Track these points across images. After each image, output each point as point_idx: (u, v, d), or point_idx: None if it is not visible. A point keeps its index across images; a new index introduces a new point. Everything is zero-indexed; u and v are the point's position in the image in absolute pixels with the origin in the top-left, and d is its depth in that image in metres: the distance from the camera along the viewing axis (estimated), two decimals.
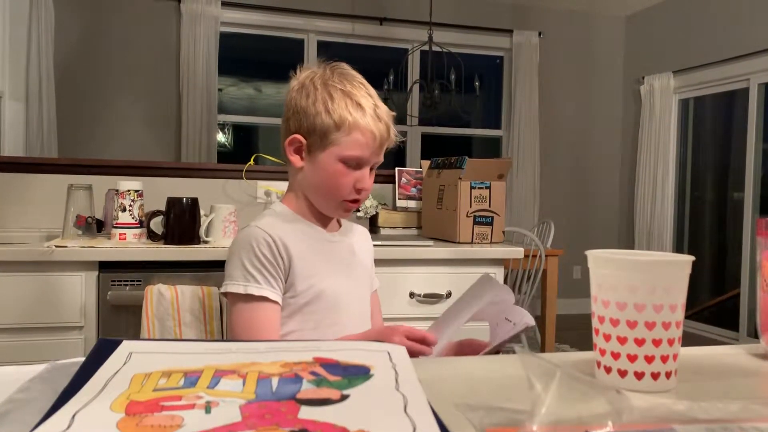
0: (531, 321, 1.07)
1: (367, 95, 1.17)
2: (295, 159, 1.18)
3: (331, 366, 0.60)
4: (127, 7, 4.78)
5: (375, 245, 2.01)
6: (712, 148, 5.43)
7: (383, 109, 1.18)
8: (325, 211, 1.21)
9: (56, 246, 1.79)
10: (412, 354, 1.02)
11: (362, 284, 1.27)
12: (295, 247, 1.14)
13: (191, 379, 0.55)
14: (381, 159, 1.20)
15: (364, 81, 1.20)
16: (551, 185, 5.76)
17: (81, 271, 1.79)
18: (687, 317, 5.11)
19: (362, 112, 1.13)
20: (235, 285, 1.11)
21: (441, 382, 0.63)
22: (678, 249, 5.46)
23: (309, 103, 1.14)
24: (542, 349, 3.92)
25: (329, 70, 1.18)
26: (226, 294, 1.13)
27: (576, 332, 4.58)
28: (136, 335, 1.73)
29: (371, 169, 1.20)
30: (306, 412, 0.49)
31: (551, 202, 5.72)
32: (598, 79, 5.93)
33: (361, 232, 1.35)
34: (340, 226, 1.28)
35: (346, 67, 1.20)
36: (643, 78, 5.61)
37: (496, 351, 1.09)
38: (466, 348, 1.14)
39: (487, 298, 1.12)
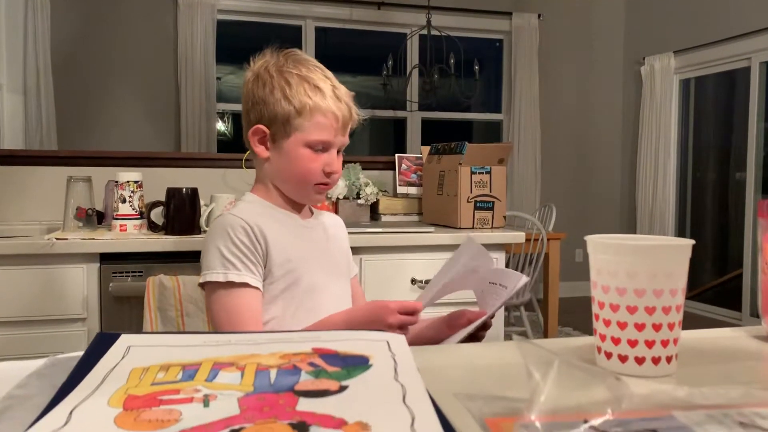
0: (524, 278, 1.04)
1: (324, 77, 1.16)
2: (260, 150, 1.17)
3: (330, 356, 0.59)
4: None
5: (376, 232, 2.02)
6: (714, 128, 5.41)
7: (342, 89, 1.17)
8: (297, 198, 1.20)
9: (57, 238, 1.79)
10: (406, 326, 1.05)
11: (340, 269, 1.26)
12: (271, 233, 1.13)
13: (189, 372, 0.55)
14: (347, 140, 1.19)
15: (319, 64, 1.18)
16: (552, 168, 5.74)
17: (82, 263, 1.79)
18: (689, 298, 5.11)
19: (321, 94, 1.12)
20: (213, 274, 1.08)
21: (440, 372, 0.63)
22: (680, 230, 5.46)
23: (267, 93, 1.13)
24: (545, 333, 3.93)
25: (282, 57, 1.16)
26: (203, 285, 1.11)
27: (579, 315, 4.59)
28: (138, 326, 1.73)
29: (338, 152, 1.19)
30: (304, 404, 0.49)
31: (552, 185, 5.71)
32: (598, 60, 5.89)
33: (335, 219, 1.34)
34: (311, 213, 1.27)
35: (299, 53, 1.19)
36: (644, 59, 5.57)
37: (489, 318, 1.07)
38: (456, 319, 1.11)
39: (464, 260, 1.11)
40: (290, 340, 0.65)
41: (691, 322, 0.59)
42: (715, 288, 5.19)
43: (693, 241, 0.64)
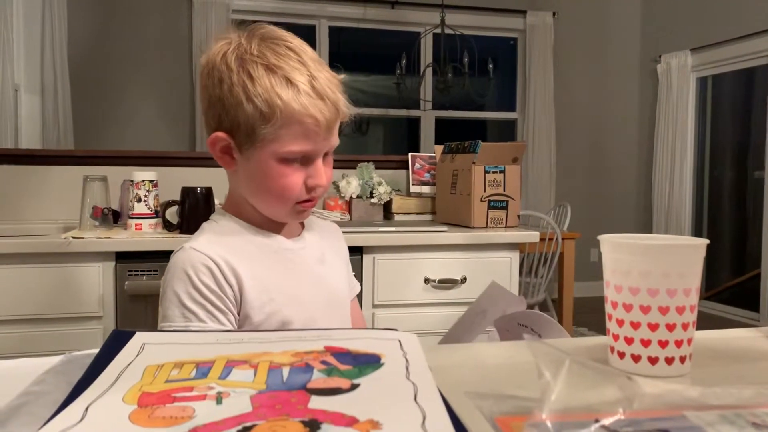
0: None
1: (299, 64, 0.87)
2: (225, 161, 0.94)
3: (342, 355, 0.60)
4: None
5: (389, 231, 2.02)
6: (732, 126, 5.35)
7: (323, 78, 0.88)
8: (274, 217, 0.97)
9: (73, 237, 1.81)
10: None
11: (339, 296, 1.04)
12: (245, 267, 0.91)
13: (203, 369, 0.56)
14: (335, 142, 0.93)
15: (295, 43, 0.90)
16: (567, 167, 5.71)
17: (98, 262, 1.81)
18: (707, 298, 5.07)
19: (294, 90, 0.85)
20: (171, 327, 0.89)
21: (451, 370, 0.63)
22: (697, 229, 5.41)
23: (225, 92, 0.87)
24: None
25: (245, 38, 0.89)
26: None
27: (594, 315, 4.56)
28: (153, 324, 1.74)
29: (326, 155, 0.94)
30: (316, 402, 0.49)
31: (568, 184, 5.68)
32: (614, 58, 5.85)
33: (329, 228, 1.11)
34: (302, 227, 1.04)
35: (268, 29, 0.91)
36: (660, 56, 5.53)
37: None
38: None
39: (499, 308, 0.99)
40: (303, 339, 0.65)
41: (708, 322, 0.58)
42: (733, 288, 5.14)
43: (707, 241, 0.64)
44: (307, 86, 0.86)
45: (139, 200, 1.98)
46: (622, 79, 5.88)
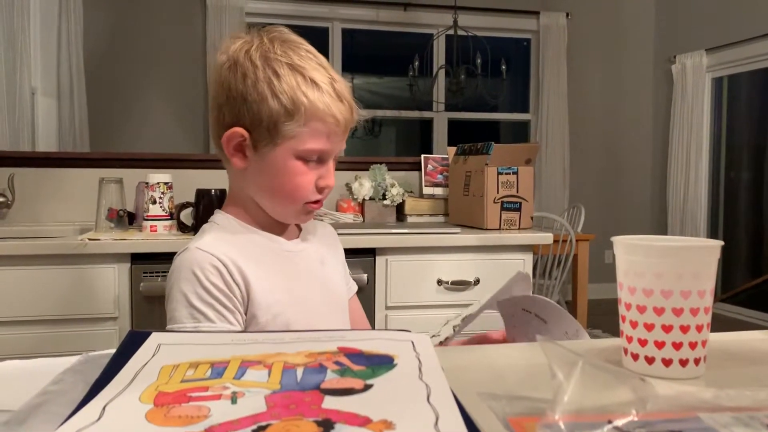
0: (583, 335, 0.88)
1: (319, 66, 0.92)
2: (237, 159, 0.94)
3: (355, 355, 0.60)
4: (153, 1, 4.83)
5: (402, 233, 2.02)
6: (747, 127, 5.30)
7: (342, 82, 0.93)
8: (281, 218, 0.99)
9: (89, 239, 1.82)
10: None
11: (339, 298, 1.06)
12: (251, 268, 0.92)
13: (218, 369, 0.56)
14: (344, 146, 0.97)
15: (311, 48, 0.94)
16: (581, 169, 5.68)
17: (114, 263, 1.83)
18: (723, 300, 5.02)
19: (318, 90, 0.89)
20: (180, 328, 0.88)
21: (464, 371, 0.63)
22: (713, 231, 5.36)
23: (249, 86, 0.89)
24: None
25: (266, 37, 0.92)
26: None
27: (609, 317, 4.53)
28: None
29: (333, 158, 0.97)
30: (330, 402, 0.49)
31: (581, 185, 5.65)
32: (628, 59, 5.81)
33: (326, 230, 1.13)
34: (300, 230, 1.06)
35: (286, 32, 0.94)
36: (675, 57, 5.49)
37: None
38: (480, 342, 0.99)
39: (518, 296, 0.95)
40: (316, 339, 0.66)
41: (725, 324, 0.58)
42: (750, 290, 5.09)
43: (721, 242, 0.64)
44: (329, 87, 0.90)
45: (154, 202, 2.00)
46: (637, 80, 5.84)
